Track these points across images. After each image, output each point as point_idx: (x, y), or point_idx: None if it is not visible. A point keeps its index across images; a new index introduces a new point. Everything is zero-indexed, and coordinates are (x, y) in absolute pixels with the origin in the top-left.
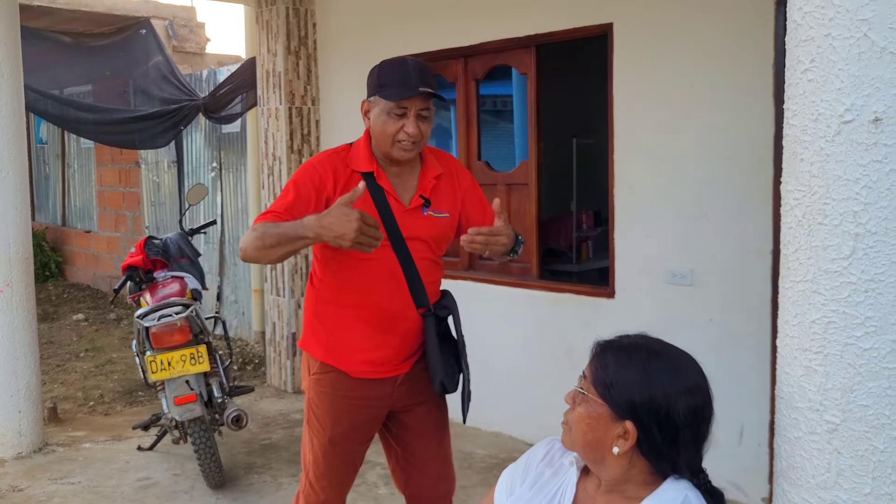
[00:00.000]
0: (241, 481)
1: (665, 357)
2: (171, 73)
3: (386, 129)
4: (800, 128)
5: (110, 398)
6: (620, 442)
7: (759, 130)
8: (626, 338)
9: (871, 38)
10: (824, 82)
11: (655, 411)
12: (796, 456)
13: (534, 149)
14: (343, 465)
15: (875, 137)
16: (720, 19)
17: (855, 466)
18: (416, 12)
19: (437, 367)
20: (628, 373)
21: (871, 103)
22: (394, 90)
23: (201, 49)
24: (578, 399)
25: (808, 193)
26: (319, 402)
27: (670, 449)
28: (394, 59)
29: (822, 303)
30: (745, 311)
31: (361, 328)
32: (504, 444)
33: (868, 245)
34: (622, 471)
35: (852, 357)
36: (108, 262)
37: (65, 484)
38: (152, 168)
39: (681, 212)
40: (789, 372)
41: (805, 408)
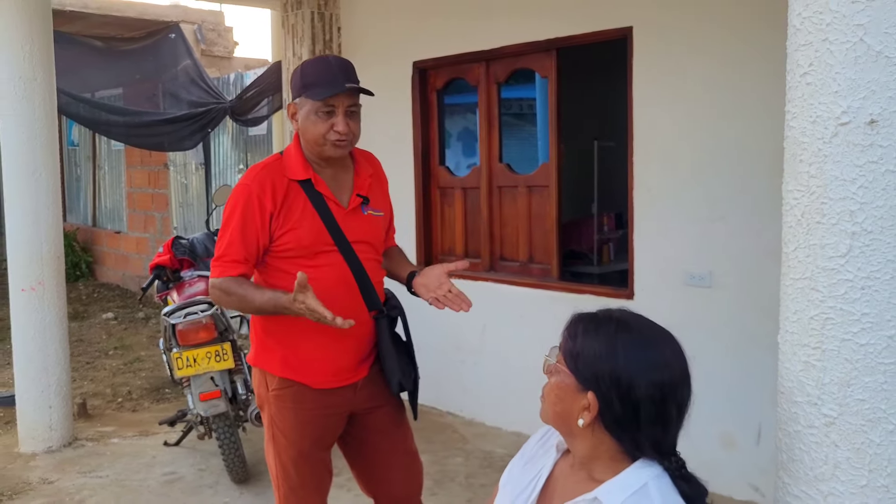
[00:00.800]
0: (265, 477)
1: (636, 331)
2: (199, 77)
3: (316, 129)
4: (799, 130)
5: (138, 395)
6: (585, 414)
7: (777, 133)
8: (604, 311)
9: (867, 42)
10: (822, 85)
11: (616, 383)
12: (795, 449)
13: (554, 151)
14: (316, 473)
15: (871, 139)
16: (738, 23)
17: (852, 459)
18: (438, 16)
19: (394, 368)
20: (594, 343)
21: (867, 106)
22: (319, 89)
23: (229, 53)
24: (551, 370)
25: (806, 193)
26: (283, 417)
27: (631, 425)
28: (315, 58)
29: (820, 300)
30: (762, 312)
31: (317, 338)
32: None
33: (864, 243)
34: (590, 446)
35: (849, 352)
36: (137, 263)
37: (93, 477)
38: (180, 170)
39: (699, 214)
40: (789, 367)
41: (804, 402)
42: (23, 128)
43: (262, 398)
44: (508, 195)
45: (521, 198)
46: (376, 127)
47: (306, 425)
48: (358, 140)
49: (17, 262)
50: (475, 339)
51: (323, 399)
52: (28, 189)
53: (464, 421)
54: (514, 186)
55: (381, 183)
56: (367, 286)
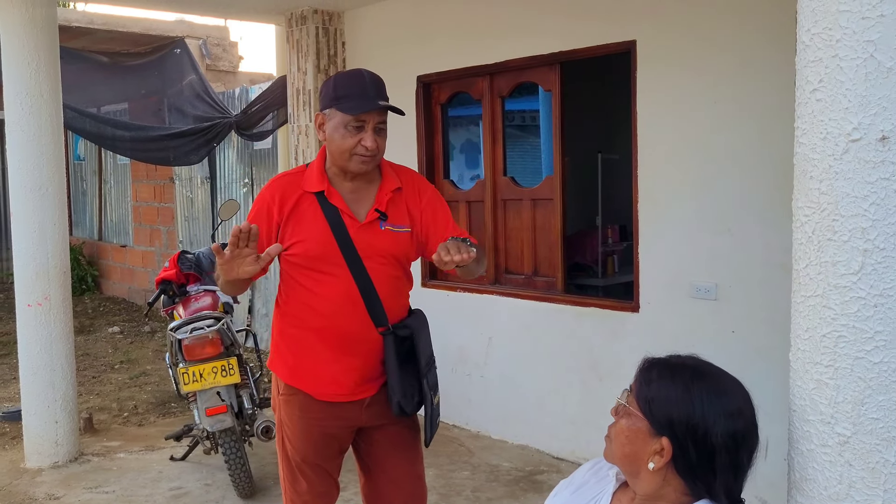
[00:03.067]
0: (271, 491)
1: (710, 378)
2: (204, 92)
3: (344, 143)
4: (809, 146)
5: (144, 409)
6: (656, 458)
7: (782, 145)
8: (676, 357)
9: (878, 58)
10: (832, 102)
11: (693, 430)
12: (809, 468)
13: (558, 164)
14: (321, 482)
15: (882, 155)
16: (743, 36)
17: (866, 478)
18: (442, 31)
19: (395, 387)
20: (670, 390)
21: (878, 122)
22: (352, 103)
23: (234, 67)
24: (622, 412)
25: (817, 210)
26: (290, 424)
27: (706, 471)
28: (349, 71)
29: (833, 317)
30: (769, 325)
31: (323, 351)
32: (530, 457)
33: (877, 261)
34: (656, 487)
35: (863, 371)
36: (142, 276)
37: (99, 493)
38: (186, 184)
39: (705, 226)
40: (801, 385)
41: (817, 420)
42: (30, 143)
43: (274, 400)
44: (513, 208)
45: (526, 211)
46: None
47: (309, 433)
48: (382, 156)
49: (23, 278)
50: (481, 352)
51: (328, 410)
52: (34, 204)
53: (469, 434)
54: (518, 199)
55: (412, 194)
56: (375, 302)
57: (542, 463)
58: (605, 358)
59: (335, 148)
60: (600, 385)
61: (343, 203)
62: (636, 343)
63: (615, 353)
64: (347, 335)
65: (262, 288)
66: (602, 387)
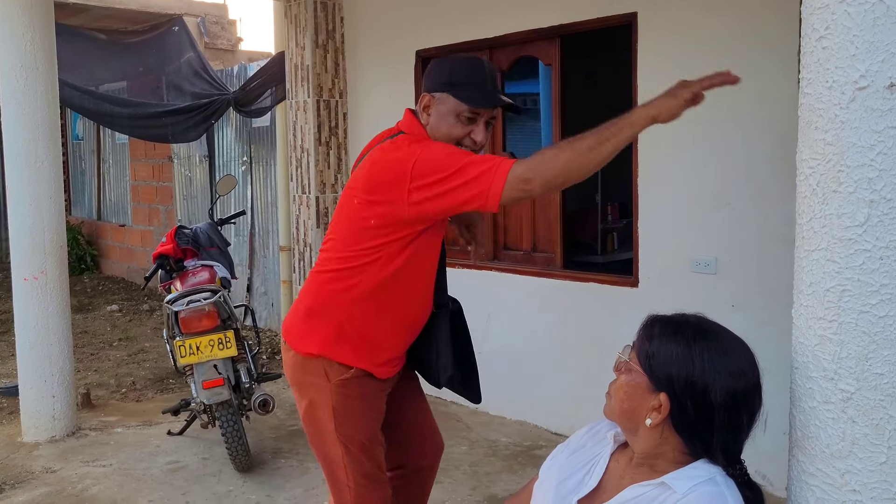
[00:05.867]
0: (268, 465)
1: (713, 337)
2: (202, 69)
3: (452, 132)
4: (814, 96)
5: (142, 385)
6: (654, 414)
7: (784, 118)
8: (680, 315)
9: (886, 3)
10: (839, 49)
11: (692, 387)
12: (811, 426)
13: (558, 139)
14: (382, 457)
15: (890, 103)
16: (745, 6)
17: (870, 435)
18: (441, 5)
19: (447, 364)
20: (671, 346)
21: (886, 69)
22: (472, 94)
23: (233, 46)
24: (623, 367)
25: (822, 162)
26: (349, 406)
27: (704, 429)
28: (467, 57)
29: (837, 271)
30: (768, 298)
31: (395, 329)
32: (529, 432)
33: (883, 212)
34: (654, 444)
35: (867, 325)
36: (141, 256)
37: (96, 466)
38: (184, 163)
39: (704, 201)
40: (804, 342)
41: (819, 377)
42: (25, 117)
43: (319, 390)
44: None
45: None
46: (379, 116)
47: (371, 412)
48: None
49: (19, 252)
50: (479, 328)
51: (382, 386)
52: (30, 178)
53: (468, 410)
54: None
55: None
56: (443, 279)
57: (540, 438)
58: (603, 333)
59: (441, 135)
60: (599, 360)
61: None
62: (635, 318)
63: (614, 328)
64: (420, 310)
65: (260, 266)
66: (601, 362)
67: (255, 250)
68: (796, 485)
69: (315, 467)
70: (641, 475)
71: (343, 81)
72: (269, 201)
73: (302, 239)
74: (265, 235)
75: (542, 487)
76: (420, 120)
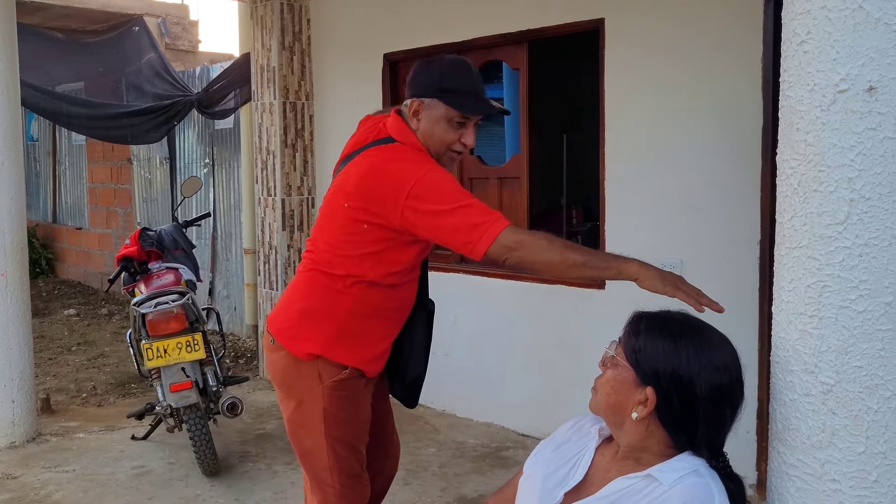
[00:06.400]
0: (236, 469)
1: (698, 333)
2: (164, 70)
3: (445, 137)
4: (795, 98)
5: (103, 390)
6: (640, 408)
7: (748, 123)
8: (666, 311)
9: (866, 9)
10: (820, 53)
11: (678, 381)
12: (791, 418)
13: (525, 143)
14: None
15: (869, 106)
16: (710, 15)
17: (849, 426)
18: (409, 8)
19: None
20: (658, 341)
21: (865, 72)
22: (464, 101)
23: (194, 47)
24: (609, 362)
25: (803, 162)
26: (340, 407)
27: (689, 422)
28: (454, 61)
29: (818, 267)
30: (733, 300)
31: (388, 329)
32: (496, 434)
33: (862, 210)
34: (639, 437)
35: (847, 320)
36: (99, 259)
37: (59, 472)
38: (144, 165)
39: (671, 204)
40: (784, 336)
41: (800, 370)
42: None
43: (311, 391)
44: (479, 187)
45: (493, 189)
46: (348, 120)
47: (361, 411)
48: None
49: None
50: (446, 330)
51: (369, 384)
52: None
53: (435, 412)
54: (485, 178)
55: None
56: (426, 278)
57: (507, 440)
58: (570, 335)
59: (434, 140)
60: (566, 362)
61: None
62: (602, 319)
63: (581, 329)
64: (409, 308)
65: (222, 270)
66: (567, 364)
67: (218, 253)
68: (777, 476)
69: (283, 471)
70: (627, 468)
71: (309, 84)
72: (231, 204)
73: (267, 242)
74: (228, 238)
75: (528, 482)
76: (409, 125)
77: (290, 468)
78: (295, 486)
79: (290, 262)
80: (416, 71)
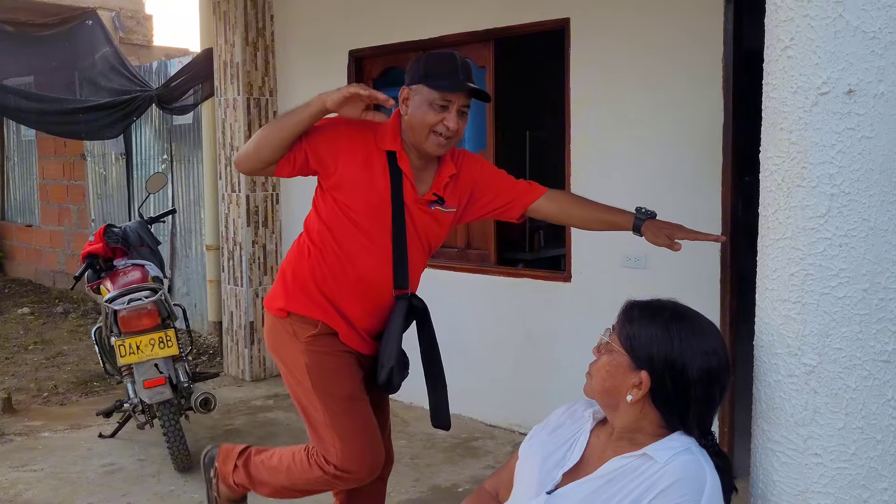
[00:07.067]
0: None
1: (688, 319)
2: (120, 64)
3: (426, 119)
4: (779, 100)
5: (65, 389)
6: (634, 390)
7: (710, 120)
8: (656, 300)
9: (846, 18)
10: (803, 58)
11: (671, 365)
12: (776, 397)
13: (492, 139)
14: (369, 414)
15: (849, 107)
16: (673, 14)
17: (830, 404)
18: (374, 5)
19: (392, 352)
20: (651, 328)
21: (845, 76)
22: (442, 82)
23: (148, 41)
24: (603, 349)
25: (787, 159)
26: (321, 362)
27: (681, 403)
28: (440, 51)
29: (801, 257)
30: (696, 291)
31: (350, 297)
32: (465, 425)
33: (842, 204)
34: (634, 419)
35: (828, 305)
36: (51, 257)
37: (27, 471)
38: (99, 160)
39: (635, 199)
40: (768, 321)
41: (784, 353)
42: None
43: (291, 350)
44: None
45: None
46: None
47: (347, 367)
48: (458, 141)
49: None
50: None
51: (350, 350)
52: None
53: (403, 405)
54: None
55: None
56: (402, 264)
57: (476, 430)
58: (538, 326)
59: (417, 123)
60: (533, 353)
61: (409, 170)
62: (568, 311)
63: (548, 321)
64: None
65: (182, 267)
66: (535, 355)
67: (177, 250)
68: (761, 452)
69: None
70: (623, 448)
71: (273, 80)
72: (191, 200)
73: (232, 238)
74: (187, 235)
75: (526, 463)
76: (402, 112)
77: None
78: None
79: (255, 258)
80: (409, 65)
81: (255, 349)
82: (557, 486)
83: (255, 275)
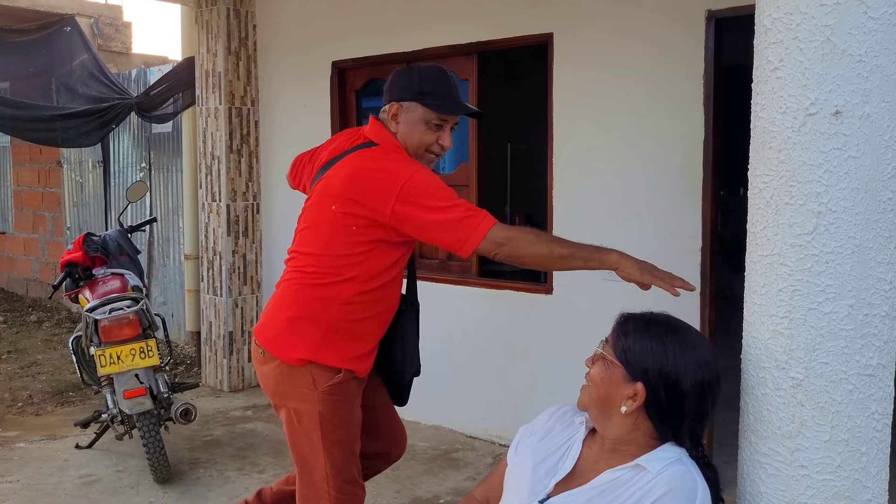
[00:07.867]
0: (187, 476)
1: (682, 332)
2: (99, 72)
3: (424, 139)
4: (768, 120)
5: (40, 399)
6: (629, 402)
7: (690, 136)
8: (650, 313)
9: (833, 41)
10: (791, 80)
11: (665, 377)
12: (763, 410)
13: (474, 152)
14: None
15: (836, 128)
16: (655, 31)
17: (816, 416)
18: (359, 17)
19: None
20: (646, 341)
21: (832, 98)
22: (441, 102)
23: (127, 49)
24: (598, 360)
25: (775, 178)
26: (335, 411)
27: (674, 415)
28: (432, 66)
29: (788, 273)
30: (676, 303)
31: (376, 330)
32: (444, 436)
33: (829, 222)
34: (627, 430)
35: (815, 320)
36: (24, 265)
37: (2, 483)
38: (75, 168)
39: (617, 212)
40: (756, 336)
41: (772, 367)
42: None
43: (306, 398)
44: None
45: None
46: (294, 126)
47: (355, 413)
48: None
49: None
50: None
51: (360, 385)
52: None
53: None
54: None
55: None
56: (413, 275)
57: (456, 442)
58: (518, 338)
59: (413, 141)
60: (514, 365)
61: None
62: (549, 324)
63: (529, 333)
64: (395, 305)
65: (159, 276)
66: (515, 366)
67: (154, 259)
68: (749, 464)
69: (235, 476)
70: (615, 460)
71: (255, 89)
72: (169, 209)
73: (211, 247)
74: (165, 244)
75: (516, 470)
76: (389, 128)
77: (242, 474)
78: (248, 491)
79: (235, 267)
80: (394, 77)
81: (234, 359)
82: (549, 494)
83: (235, 285)
